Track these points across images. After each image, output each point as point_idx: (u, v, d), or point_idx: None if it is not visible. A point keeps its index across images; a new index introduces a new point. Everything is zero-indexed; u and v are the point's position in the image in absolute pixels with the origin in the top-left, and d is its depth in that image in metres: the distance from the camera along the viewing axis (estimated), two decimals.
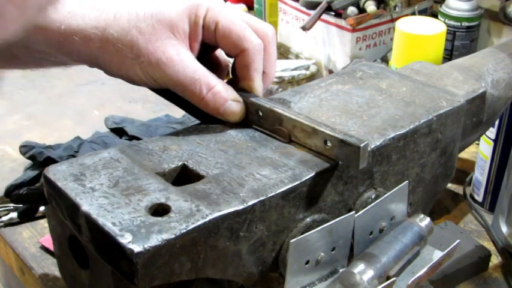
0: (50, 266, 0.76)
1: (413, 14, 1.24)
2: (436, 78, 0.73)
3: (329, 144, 0.53)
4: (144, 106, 1.16)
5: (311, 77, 1.21)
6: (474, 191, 0.87)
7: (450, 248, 0.58)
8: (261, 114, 0.59)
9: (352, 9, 1.19)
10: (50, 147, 0.92)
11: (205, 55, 0.63)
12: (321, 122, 0.56)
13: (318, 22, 1.20)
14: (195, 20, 0.60)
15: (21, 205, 0.85)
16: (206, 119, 0.61)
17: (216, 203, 0.49)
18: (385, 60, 1.21)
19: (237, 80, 0.62)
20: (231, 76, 0.64)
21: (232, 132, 0.60)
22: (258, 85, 0.61)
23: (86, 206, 0.48)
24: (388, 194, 0.58)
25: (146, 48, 0.57)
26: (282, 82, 1.19)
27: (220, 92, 0.59)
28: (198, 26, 0.60)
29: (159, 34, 0.58)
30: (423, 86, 0.69)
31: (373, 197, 0.59)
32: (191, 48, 0.60)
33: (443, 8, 1.21)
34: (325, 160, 0.55)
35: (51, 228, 0.61)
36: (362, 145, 0.51)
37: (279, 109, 0.58)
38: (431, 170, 0.66)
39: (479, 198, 0.86)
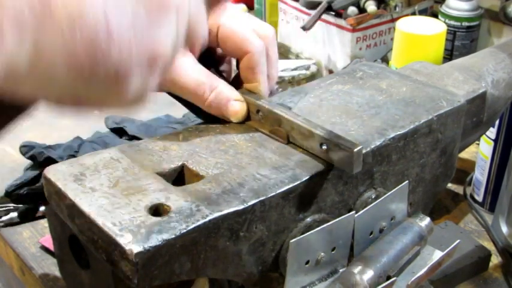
0: (50, 266, 0.76)
1: (413, 14, 1.24)
2: (436, 78, 0.73)
3: (324, 147, 0.53)
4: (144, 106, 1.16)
5: (311, 77, 1.21)
6: (474, 191, 0.87)
7: (450, 248, 0.58)
8: (261, 114, 0.59)
9: (352, 9, 1.19)
10: (50, 147, 0.92)
11: (207, 55, 0.63)
12: (318, 124, 0.55)
13: (318, 22, 1.20)
14: None
15: (21, 205, 0.85)
16: (209, 118, 0.61)
17: (216, 203, 0.49)
18: (385, 60, 1.21)
19: (240, 80, 0.62)
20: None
21: (232, 132, 0.60)
22: (263, 87, 0.61)
23: (86, 206, 0.48)
24: (388, 194, 0.58)
25: None
26: (282, 82, 1.19)
27: (222, 92, 0.59)
28: None
29: None
30: (423, 86, 0.69)
31: (373, 197, 0.59)
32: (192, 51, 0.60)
33: (444, 8, 1.21)
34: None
35: (51, 228, 0.61)
36: (356, 149, 0.51)
37: (278, 110, 0.58)
38: (431, 170, 0.66)
39: (479, 198, 0.86)
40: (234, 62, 0.64)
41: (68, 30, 0.28)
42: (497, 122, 0.80)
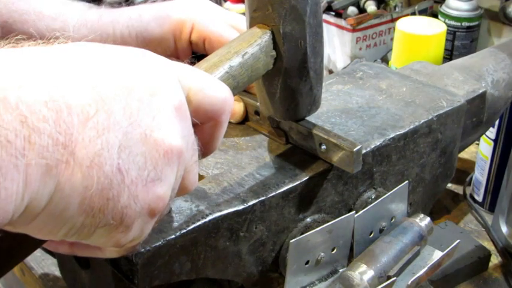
0: (50, 266, 0.76)
1: (413, 14, 1.24)
2: (436, 78, 0.73)
3: (323, 147, 0.53)
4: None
5: None
6: (474, 191, 0.87)
7: (450, 248, 0.58)
8: (259, 115, 0.59)
9: (352, 9, 1.19)
10: None
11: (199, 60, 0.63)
12: (317, 124, 0.55)
13: None
14: (181, 36, 0.62)
15: None
16: None
17: (216, 203, 0.49)
18: (385, 60, 1.21)
19: None
20: None
21: (232, 133, 0.60)
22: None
23: None
24: (388, 194, 0.58)
25: None
26: None
27: None
28: (184, 42, 0.62)
29: None
30: (423, 86, 0.69)
31: (373, 197, 0.59)
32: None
33: (444, 8, 1.21)
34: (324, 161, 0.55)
35: None
36: (355, 149, 0.51)
37: None
38: (431, 170, 0.66)
39: (479, 198, 0.86)
40: None
41: (87, 171, 0.31)
42: (497, 122, 0.80)
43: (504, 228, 0.77)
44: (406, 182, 0.60)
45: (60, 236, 0.34)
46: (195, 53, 0.64)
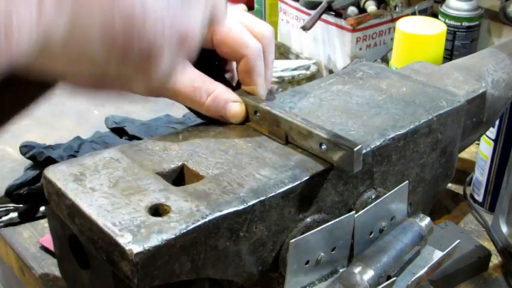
0: (50, 266, 0.76)
1: (413, 14, 1.24)
2: (436, 78, 0.73)
3: (324, 147, 0.53)
4: (144, 106, 1.16)
5: (311, 77, 1.21)
6: (474, 191, 0.87)
7: (450, 248, 0.58)
8: (259, 115, 0.59)
9: (352, 9, 1.19)
10: (50, 147, 0.92)
11: (205, 58, 0.63)
12: (317, 124, 0.55)
13: (318, 22, 1.20)
14: None
15: (21, 205, 0.85)
16: (209, 118, 0.61)
17: (216, 203, 0.49)
18: (385, 60, 1.21)
19: (238, 81, 0.62)
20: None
21: (232, 132, 0.60)
22: (261, 89, 0.61)
23: (86, 206, 0.47)
24: (388, 194, 0.58)
25: None
26: (282, 82, 1.19)
27: (220, 95, 0.58)
28: None
29: None
30: (423, 86, 0.69)
31: (373, 197, 0.59)
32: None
33: (444, 8, 1.21)
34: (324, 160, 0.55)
35: (51, 228, 0.61)
36: (356, 149, 0.51)
37: (276, 111, 0.58)
38: (432, 170, 0.66)
39: (479, 198, 0.86)
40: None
41: (106, 1, 0.29)
42: (497, 122, 0.80)
43: (504, 228, 0.77)
44: (406, 182, 0.60)
45: (84, 77, 0.31)
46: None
